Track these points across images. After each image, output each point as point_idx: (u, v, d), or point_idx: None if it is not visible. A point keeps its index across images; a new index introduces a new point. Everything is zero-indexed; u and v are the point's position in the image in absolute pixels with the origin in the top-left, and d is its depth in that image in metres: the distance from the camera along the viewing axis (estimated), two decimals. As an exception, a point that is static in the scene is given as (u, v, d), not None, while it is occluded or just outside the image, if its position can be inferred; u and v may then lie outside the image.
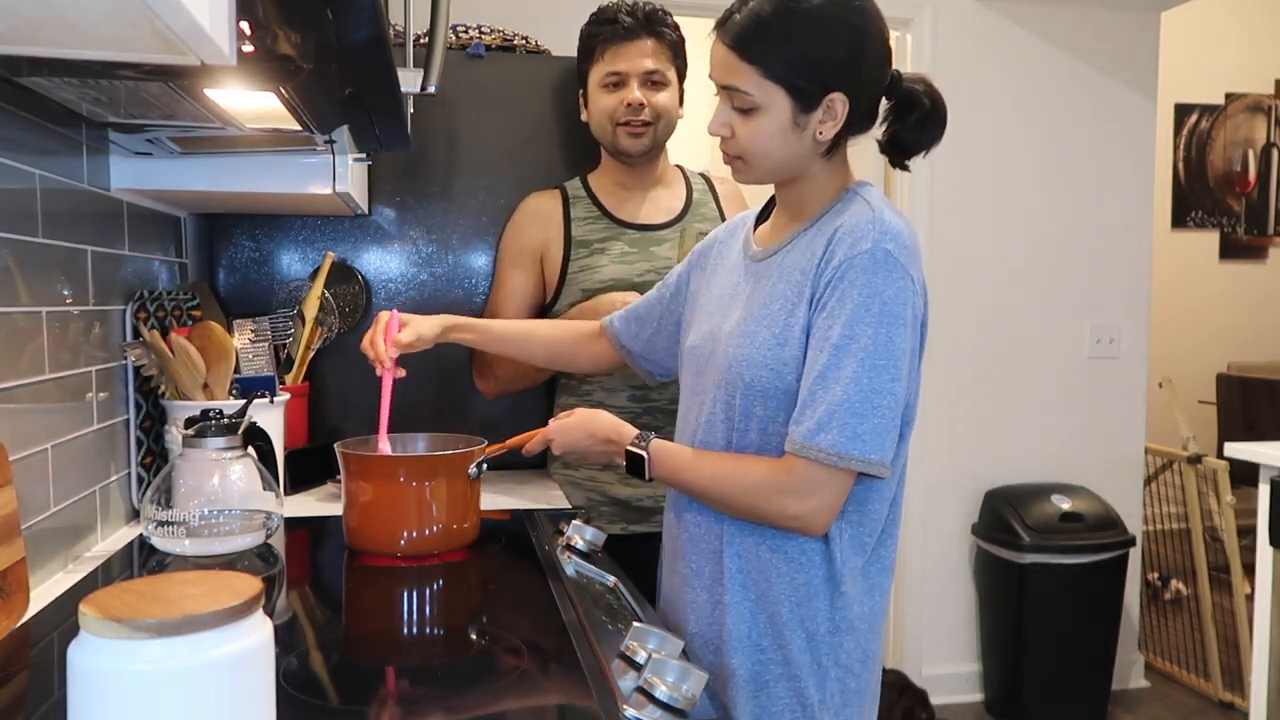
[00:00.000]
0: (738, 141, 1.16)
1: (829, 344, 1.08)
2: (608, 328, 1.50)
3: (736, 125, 1.15)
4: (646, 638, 0.91)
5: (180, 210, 1.79)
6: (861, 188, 1.19)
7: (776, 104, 1.12)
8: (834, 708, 1.16)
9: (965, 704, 3.03)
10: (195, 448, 1.24)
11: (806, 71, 1.11)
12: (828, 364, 1.07)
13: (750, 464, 1.14)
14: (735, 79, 1.13)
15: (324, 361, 1.90)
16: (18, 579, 1.02)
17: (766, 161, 1.17)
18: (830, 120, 1.13)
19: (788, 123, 1.13)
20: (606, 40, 1.74)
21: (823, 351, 1.08)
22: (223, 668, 0.59)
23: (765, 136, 1.14)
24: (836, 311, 1.08)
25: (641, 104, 1.73)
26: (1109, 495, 2.98)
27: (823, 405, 1.06)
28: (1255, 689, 2.10)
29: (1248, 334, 5.08)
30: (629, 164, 1.80)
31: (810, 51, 1.10)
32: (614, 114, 1.74)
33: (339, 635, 1.07)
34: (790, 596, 1.15)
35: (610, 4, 1.77)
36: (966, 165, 3.00)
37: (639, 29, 1.73)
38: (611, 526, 1.72)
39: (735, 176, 1.23)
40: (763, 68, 1.11)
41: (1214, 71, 5.02)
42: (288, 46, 0.89)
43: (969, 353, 3.03)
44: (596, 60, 1.76)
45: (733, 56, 1.12)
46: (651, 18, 1.75)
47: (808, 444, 1.07)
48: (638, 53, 1.73)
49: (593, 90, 1.78)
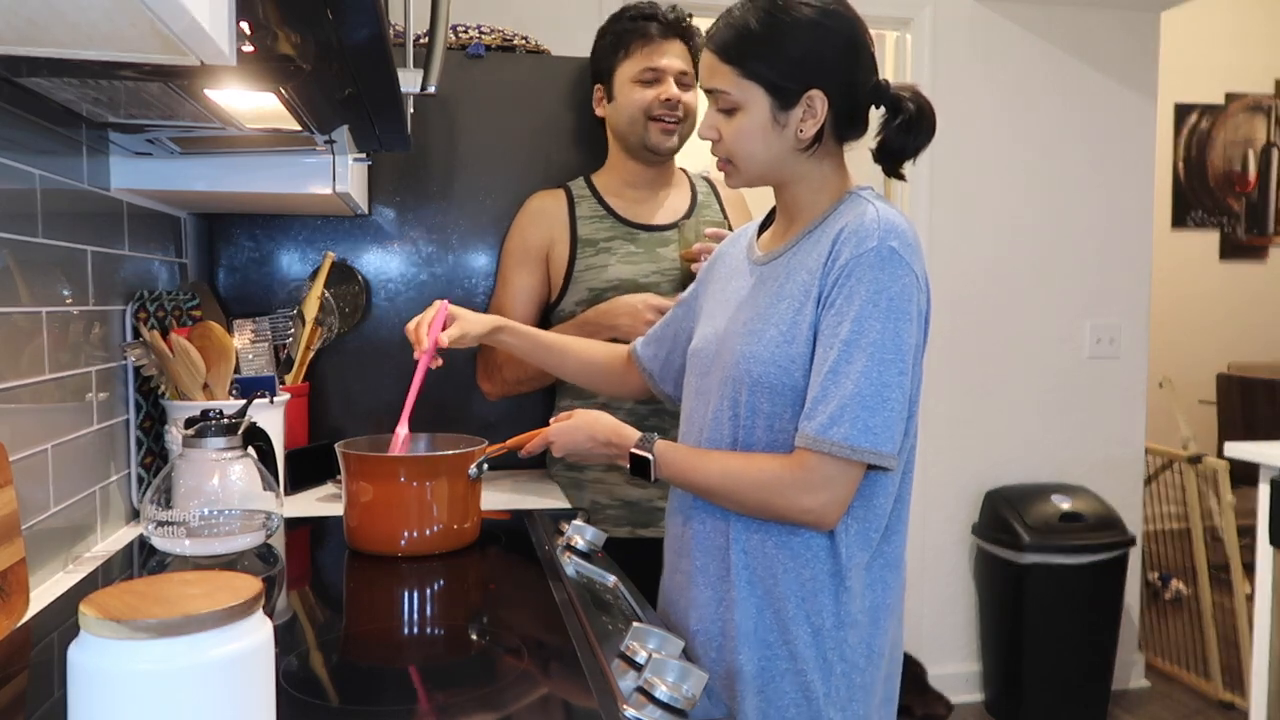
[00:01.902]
0: (724, 143, 1.21)
1: (838, 340, 1.09)
2: (632, 353, 1.51)
3: (722, 127, 1.21)
4: (646, 638, 0.91)
5: (180, 210, 1.79)
6: (862, 190, 1.22)
7: (756, 102, 1.17)
8: (839, 702, 1.16)
9: (965, 704, 3.03)
10: (195, 448, 1.24)
11: (783, 70, 1.16)
12: (838, 360, 1.09)
13: (760, 460, 1.15)
14: (716, 81, 1.19)
15: (324, 361, 1.90)
16: (18, 579, 1.02)
17: (753, 162, 1.21)
18: (810, 118, 1.17)
19: (768, 121, 1.17)
20: (641, 37, 1.76)
21: (832, 348, 1.10)
22: (223, 668, 0.59)
23: (747, 135, 1.19)
24: (845, 309, 1.10)
25: (678, 100, 1.76)
26: (1109, 495, 2.98)
27: (834, 400, 1.08)
28: (1255, 689, 2.10)
29: (1248, 334, 5.08)
30: (648, 162, 1.81)
31: (787, 51, 1.16)
32: (649, 108, 1.75)
33: (339, 635, 1.07)
34: (796, 592, 1.16)
35: (642, 2, 1.80)
36: (966, 165, 3.00)
37: (673, 31, 1.77)
38: (618, 529, 1.72)
39: (727, 181, 1.26)
40: (740, 68, 1.17)
41: (1214, 71, 5.02)
42: (288, 46, 0.89)
43: (969, 353, 3.03)
44: (629, 55, 1.77)
45: (715, 60, 1.19)
46: (682, 23, 1.79)
47: (821, 438, 1.08)
48: (672, 52, 1.77)
49: (622, 85, 1.78)
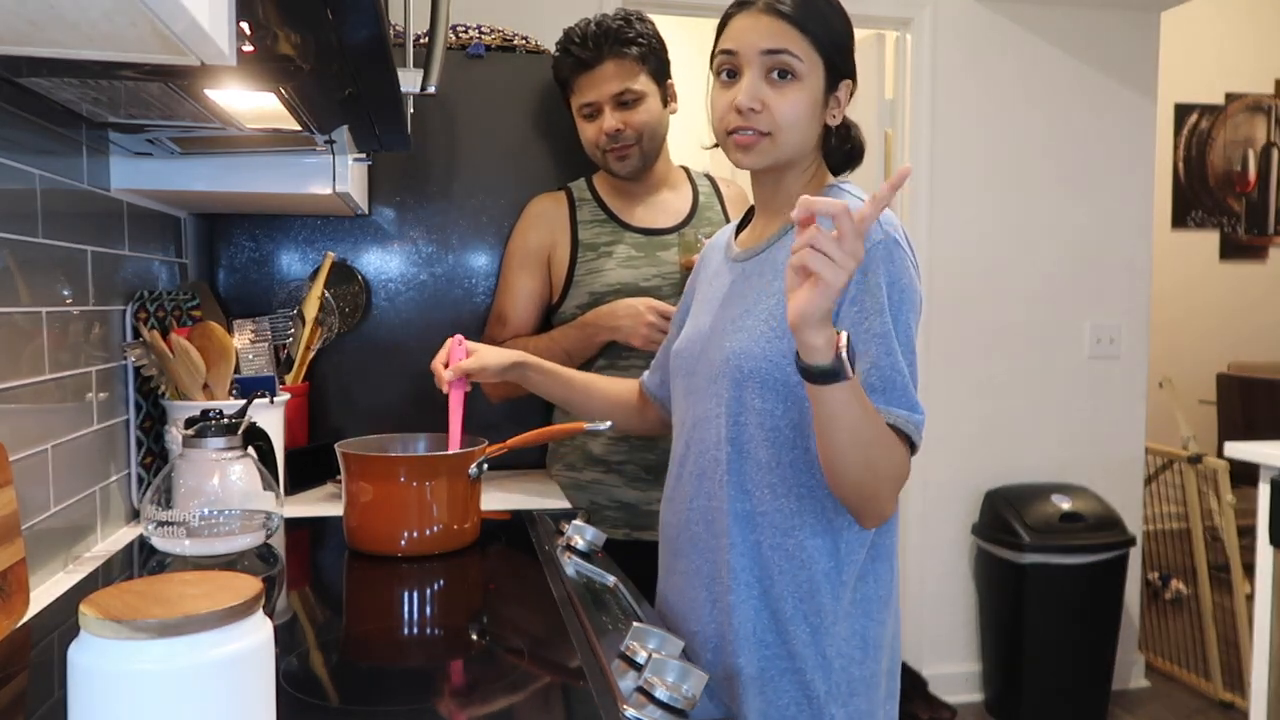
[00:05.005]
0: (769, 114, 1.15)
1: (874, 335, 1.09)
2: (642, 386, 1.50)
3: (770, 97, 1.15)
4: (646, 638, 0.91)
5: (180, 210, 1.79)
6: (842, 183, 1.23)
7: (814, 76, 1.16)
8: (840, 698, 1.16)
9: (965, 704, 3.03)
10: (195, 448, 1.24)
11: (839, 50, 1.17)
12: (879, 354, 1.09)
13: (899, 451, 1.08)
14: (787, 42, 1.14)
15: (324, 361, 1.90)
16: (18, 579, 1.02)
17: (793, 136, 1.16)
18: (837, 107, 1.19)
19: (819, 97, 1.17)
20: (571, 71, 1.73)
21: (869, 344, 1.09)
22: (223, 668, 0.59)
23: (801, 109, 1.15)
24: (869, 304, 1.09)
25: (619, 129, 1.71)
26: (1109, 495, 2.98)
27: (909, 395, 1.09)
28: (1255, 689, 2.10)
29: (1248, 334, 5.08)
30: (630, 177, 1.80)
31: (841, 35, 1.17)
32: (597, 142, 1.74)
33: (339, 635, 1.07)
34: (793, 592, 1.15)
35: (571, 28, 1.73)
36: (966, 165, 3.00)
37: (595, 57, 1.69)
38: (615, 532, 1.71)
39: (741, 159, 1.19)
40: (812, 37, 1.14)
41: (1214, 71, 5.02)
42: (288, 46, 0.89)
43: (969, 353, 3.03)
44: (571, 90, 1.76)
45: (782, 23, 1.14)
46: (605, 38, 1.68)
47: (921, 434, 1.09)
48: (601, 79, 1.70)
49: (576, 117, 1.78)
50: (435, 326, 1.93)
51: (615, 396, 1.50)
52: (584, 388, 1.49)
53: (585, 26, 1.71)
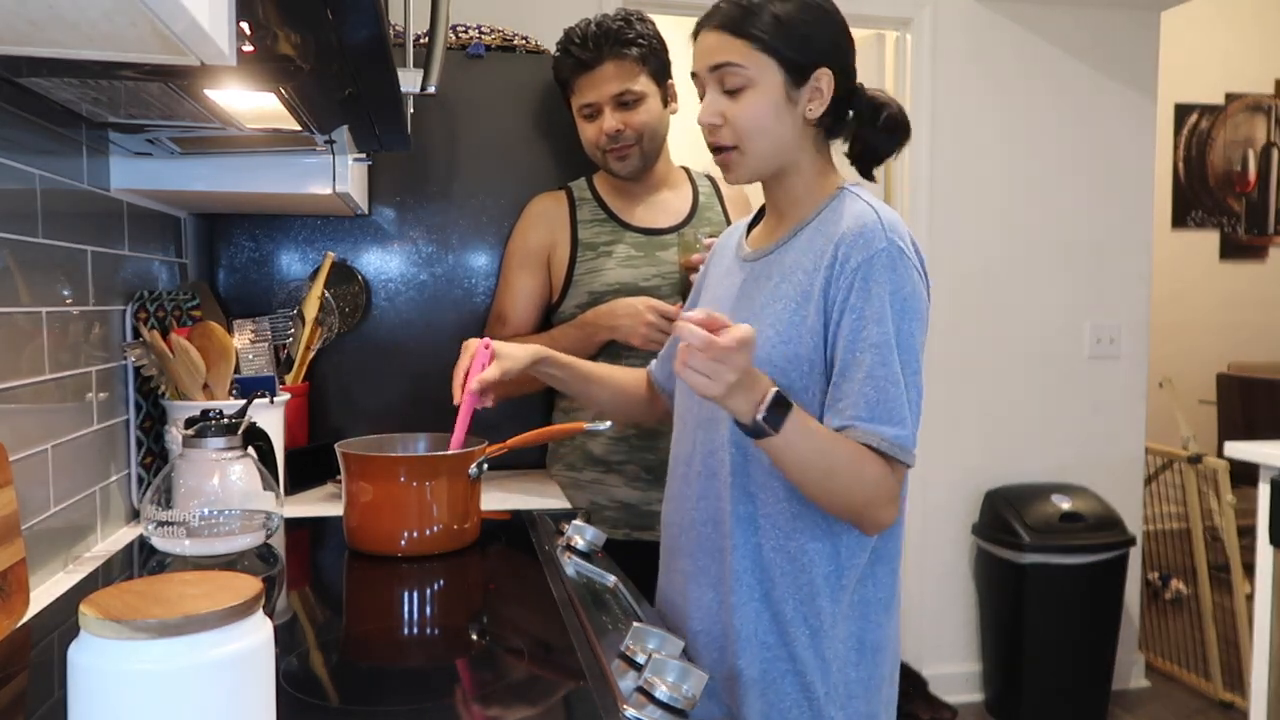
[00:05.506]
0: (730, 127, 1.16)
1: (869, 344, 1.08)
2: (649, 376, 1.49)
3: (728, 109, 1.16)
4: (646, 638, 0.91)
5: (180, 210, 1.79)
6: (853, 187, 1.21)
7: (769, 77, 1.14)
8: (839, 701, 1.16)
9: (965, 704, 3.03)
10: (195, 448, 1.24)
11: (796, 43, 1.14)
12: (874, 364, 1.08)
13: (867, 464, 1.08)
14: (727, 55, 1.14)
15: (324, 361, 1.90)
16: (18, 579, 1.02)
17: (761, 143, 1.16)
18: (818, 98, 1.16)
19: (781, 97, 1.15)
20: (571, 72, 1.73)
21: (864, 353, 1.08)
22: (223, 668, 0.59)
23: (760, 114, 1.15)
24: (867, 312, 1.09)
25: (619, 130, 1.71)
26: (1109, 495, 2.98)
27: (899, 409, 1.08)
28: (1255, 689, 2.10)
29: (1248, 334, 5.08)
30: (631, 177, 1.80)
31: (798, 26, 1.14)
32: (597, 142, 1.74)
33: (339, 635, 1.07)
34: (794, 595, 1.15)
35: (572, 29, 1.73)
36: (966, 165, 3.00)
37: (595, 57, 1.69)
38: (615, 532, 1.71)
39: (728, 176, 1.21)
40: (753, 41, 1.13)
41: (1214, 71, 5.02)
42: (288, 46, 0.89)
43: (969, 353, 3.03)
44: (572, 91, 1.76)
45: (722, 36, 1.14)
46: (605, 39, 1.68)
47: (909, 450, 1.09)
48: (601, 80, 1.70)
49: (576, 118, 1.78)
50: (435, 326, 1.93)
51: (629, 387, 1.50)
52: (600, 379, 1.48)
53: (585, 27, 1.71)
